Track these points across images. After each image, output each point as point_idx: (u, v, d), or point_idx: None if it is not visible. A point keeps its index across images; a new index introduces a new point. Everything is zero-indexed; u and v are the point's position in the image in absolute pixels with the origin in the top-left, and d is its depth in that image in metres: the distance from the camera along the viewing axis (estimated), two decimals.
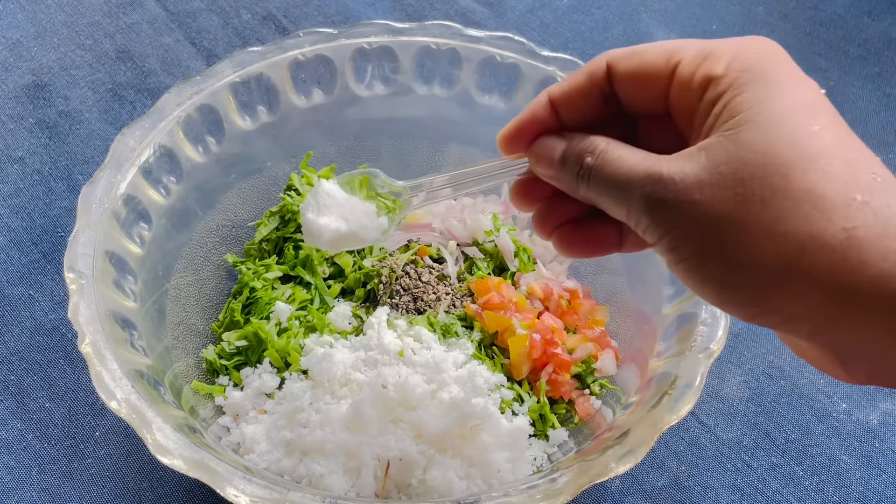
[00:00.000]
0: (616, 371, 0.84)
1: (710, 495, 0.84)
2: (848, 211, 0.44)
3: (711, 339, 0.72)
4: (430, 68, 0.94)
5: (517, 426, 0.76)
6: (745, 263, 0.46)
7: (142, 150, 0.81)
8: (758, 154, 0.46)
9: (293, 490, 0.63)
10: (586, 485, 0.63)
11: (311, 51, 0.91)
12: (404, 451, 0.71)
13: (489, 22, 1.25)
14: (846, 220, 0.44)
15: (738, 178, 0.46)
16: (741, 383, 0.91)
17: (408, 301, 0.86)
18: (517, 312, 0.84)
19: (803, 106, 0.47)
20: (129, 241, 0.78)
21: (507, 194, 0.96)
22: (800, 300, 0.45)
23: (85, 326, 0.68)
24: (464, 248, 0.92)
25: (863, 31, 1.27)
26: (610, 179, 0.53)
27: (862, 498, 0.84)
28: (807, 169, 0.45)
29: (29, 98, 1.11)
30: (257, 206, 0.94)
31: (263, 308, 0.85)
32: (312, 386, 0.78)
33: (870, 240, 0.43)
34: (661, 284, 0.81)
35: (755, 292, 0.47)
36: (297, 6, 1.25)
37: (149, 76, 1.15)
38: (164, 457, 0.63)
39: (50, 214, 1.00)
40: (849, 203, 0.44)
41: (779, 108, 0.47)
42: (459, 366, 0.81)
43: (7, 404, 0.86)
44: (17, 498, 0.80)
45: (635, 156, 0.52)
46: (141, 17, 1.21)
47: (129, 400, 0.65)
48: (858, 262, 0.43)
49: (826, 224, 0.44)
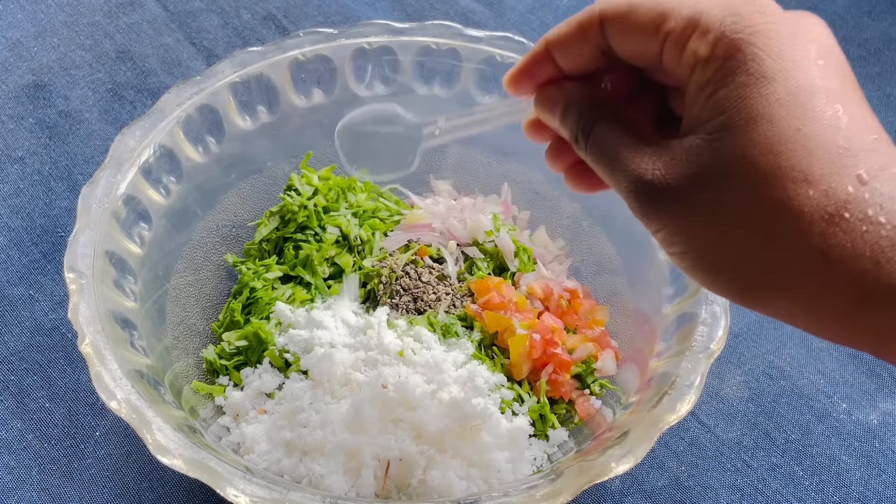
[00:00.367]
0: (616, 371, 0.84)
1: (710, 495, 0.84)
2: (825, 228, 0.43)
3: (711, 339, 0.72)
4: (430, 68, 0.94)
5: (517, 426, 0.76)
6: (727, 270, 0.47)
7: (142, 150, 0.81)
8: (733, 166, 0.45)
9: (293, 490, 0.63)
10: (586, 485, 0.63)
11: (311, 51, 0.91)
12: (404, 451, 0.71)
13: (489, 22, 1.25)
14: (823, 240, 0.43)
15: (715, 191, 0.45)
16: (741, 383, 0.91)
17: (408, 301, 0.86)
18: (517, 312, 0.84)
19: (793, 99, 0.44)
20: (129, 241, 0.78)
21: (507, 194, 0.96)
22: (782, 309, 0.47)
23: (85, 326, 0.69)
24: (464, 248, 0.92)
25: (863, 31, 1.27)
26: (599, 162, 0.52)
27: (862, 498, 0.84)
28: (784, 182, 0.43)
29: (29, 98, 1.11)
30: (257, 206, 0.94)
31: (263, 308, 0.85)
32: (312, 386, 0.78)
33: (847, 257, 0.43)
34: (661, 284, 0.81)
35: (743, 297, 0.47)
36: (297, 6, 1.25)
37: (149, 76, 1.15)
38: (164, 457, 0.63)
39: (50, 214, 1.00)
40: (825, 222, 0.43)
41: (761, 107, 0.44)
42: (459, 366, 0.81)
43: (7, 404, 0.86)
44: (17, 498, 0.80)
45: (623, 145, 0.50)
46: (141, 17, 1.21)
47: (129, 400, 0.65)
48: (837, 273, 0.43)
49: (801, 243, 0.43)
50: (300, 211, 0.89)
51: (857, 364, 0.93)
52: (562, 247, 0.95)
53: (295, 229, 0.89)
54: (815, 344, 0.95)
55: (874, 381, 0.92)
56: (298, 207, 0.89)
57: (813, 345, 0.95)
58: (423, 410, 0.74)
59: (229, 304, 0.87)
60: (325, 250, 0.88)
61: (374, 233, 0.91)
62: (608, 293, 0.90)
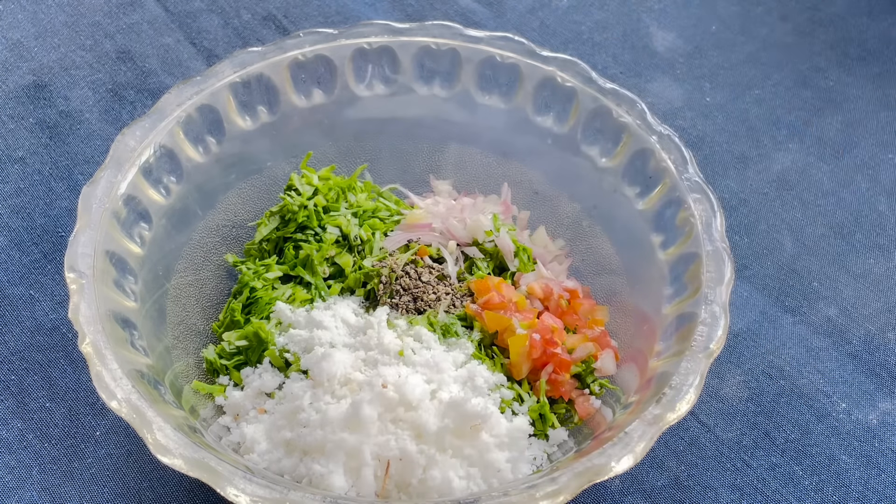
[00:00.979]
0: (616, 371, 0.84)
1: (710, 495, 0.84)
2: None
3: (711, 339, 0.72)
4: (430, 68, 0.94)
5: (517, 426, 0.76)
6: None
7: (142, 150, 0.81)
8: None
9: (293, 490, 0.63)
10: (586, 484, 0.63)
11: (311, 51, 0.91)
12: (404, 451, 0.72)
13: (489, 22, 1.25)
14: None
15: None
16: (741, 383, 0.91)
17: (408, 301, 0.86)
18: (517, 312, 0.84)
19: None
20: (129, 241, 0.78)
21: (507, 194, 0.96)
22: None
23: (85, 326, 0.69)
24: (464, 248, 0.92)
25: (863, 31, 1.27)
26: None
27: (861, 498, 0.84)
28: None
29: (29, 98, 1.11)
30: (257, 206, 0.94)
31: (263, 308, 0.85)
32: (312, 386, 0.78)
33: None
34: (661, 284, 0.81)
35: None
36: (297, 6, 1.25)
37: (149, 76, 1.15)
38: (164, 456, 0.63)
39: (50, 214, 1.00)
40: None
41: None
42: (459, 366, 0.81)
43: (7, 404, 0.86)
44: (18, 497, 0.80)
45: None
46: (141, 18, 1.21)
47: (130, 400, 0.65)
48: None
49: None
50: (300, 211, 0.89)
51: (857, 364, 0.93)
52: (562, 247, 0.95)
53: (295, 229, 0.89)
54: (814, 344, 0.95)
55: (874, 380, 0.92)
56: (298, 207, 0.89)
57: (813, 345, 0.95)
58: (423, 410, 0.74)
59: (229, 304, 0.87)
60: (325, 250, 0.88)
61: (374, 233, 0.91)
62: (608, 293, 0.90)
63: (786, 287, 1.00)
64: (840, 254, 1.03)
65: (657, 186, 0.85)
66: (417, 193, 0.97)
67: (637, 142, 0.87)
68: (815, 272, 1.01)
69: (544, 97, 0.92)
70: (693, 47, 1.24)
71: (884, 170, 1.11)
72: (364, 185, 0.96)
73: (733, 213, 1.06)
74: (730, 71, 1.22)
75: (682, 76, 1.21)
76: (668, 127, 0.87)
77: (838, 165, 1.12)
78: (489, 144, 0.97)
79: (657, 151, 0.85)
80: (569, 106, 0.91)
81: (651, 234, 0.85)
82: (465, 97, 0.95)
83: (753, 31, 1.27)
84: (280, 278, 0.88)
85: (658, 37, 1.26)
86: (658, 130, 0.86)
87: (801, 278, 1.00)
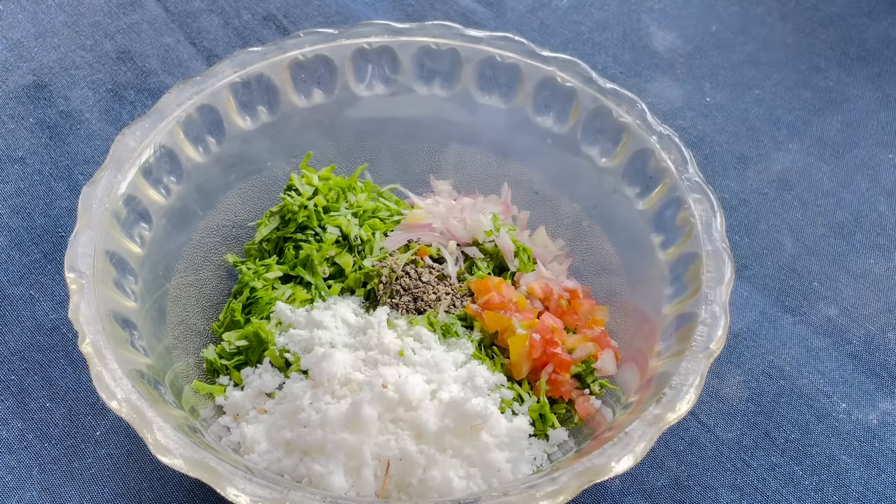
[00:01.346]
0: (616, 371, 0.84)
1: (710, 495, 0.84)
2: None
3: (711, 339, 0.72)
4: (430, 68, 0.94)
5: (517, 426, 0.76)
6: None
7: (142, 150, 0.81)
8: None
9: (293, 490, 0.63)
10: (586, 484, 0.63)
11: (311, 51, 0.91)
12: (404, 451, 0.72)
13: (489, 22, 1.25)
14: None
15: None
16: (741, 383, 0.91)
17: (408, 301, 0.86)
18: (517, 312, 0.84)
19: None
20: (129, 241, 0.78)
21: (507, 194, 0.96)
22: None
23: (85, 326, 0.69)
24: (464, 248, 0.92)
25: (863, 31, 1.27)
26: None
27: (861, 498, 0.84)
28: None
29: (29, 98, 1.11)
30: (257, 206, 0.94)
31: (264, 308, 0.85)
32: (312, 386, 0.78)
33: None
34: (661, 284, 0.81)
35: None
36: (297, 6, 1.25)
37: (149, 76, 1.15)
38: (164, 456, 0.63)
39: (50, 214, 1.00)
40: None
41: None
42: (459, 366, 0.81)
43: (8, 404, 0.86)
44: (18, 497, 0.80)
45: None
46: (141, 18, 1.21)
47: (130, 400, 0.65)
48: None
49: None
50: (300, 211, 0.89)
51: (857, 364, 0.93)
52: (562, 247, 0.95)
53: (295, 229, 0.89)
54: (814, 344, 0.95)
55: (874, 380, 0.92)
56: (298, 207, 0.89)
57: (813, 345, 0.95)
58: (423, 410, 0.74)
59: (229, 304, 0.87)
60: (325, 250, 0.88)
61: (374, 233, 0.91)
62: (608, 293, 0.90)
63: (786, 287, 1.00)
64: (840, 254, 1.03)
65: (657, 186, 0.85)
66: (417, 193, 0.97)
67: (637, 142, 0.87)
68: (816, 272, 1.01)
69: (544, 97, 0.92)
70: (693, 47, 1.24)
71: (884, 170, 1.11)
72: (364, 185, 0.96)
73: (733, 213, 1.06)
74: (730, 71, 1.22)
75: (682, 76, 1.21)
76: (668, 127, 0.87)
77: (838, 165, 1.12)
78: (489, 144, 0.97)
79: (657, 151, 0.85)
80: (569, 106, 0.91)
81: (651, 234, 0.85)
82: (465, 97, 0.95)
83: (753, 31, 1.27)
84: (280, 278, 0.88)
85: (658, 37, 1.26)
86: (658, 130, 0.86)
87: (802, 278, 1.01)
